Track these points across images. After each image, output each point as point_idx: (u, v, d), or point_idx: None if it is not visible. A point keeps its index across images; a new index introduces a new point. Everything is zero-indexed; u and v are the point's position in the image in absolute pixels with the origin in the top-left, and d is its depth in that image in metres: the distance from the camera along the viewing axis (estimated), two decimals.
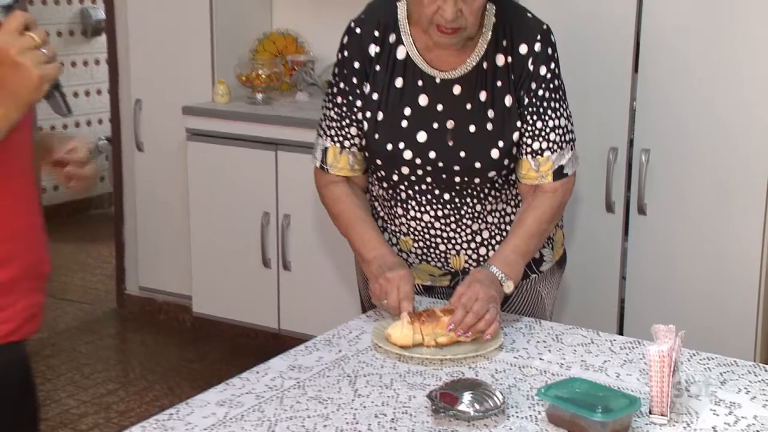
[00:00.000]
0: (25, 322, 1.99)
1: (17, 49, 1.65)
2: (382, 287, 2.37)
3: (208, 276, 4.70)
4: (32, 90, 1.69)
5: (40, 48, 1.66)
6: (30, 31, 1.66)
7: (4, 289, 1.94)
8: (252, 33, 4.86)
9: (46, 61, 1.67)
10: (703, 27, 3.47)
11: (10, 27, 1.65)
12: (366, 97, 2.48)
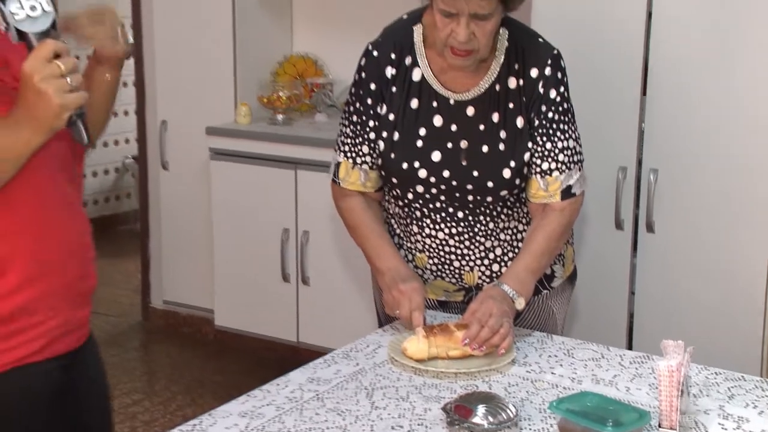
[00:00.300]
0: (55, 340, 1.96)
1: (41, 76, 1.64)
2: (395, 298, 2.39)
3: (230, 290, 4.70)
4: (53, 117, 1.67)
5: (66, 76, 1.65)
6: (60, 59, 1.64)
7: (26, 311, 1.91)
8: (273, 56, 4.88)
9: (70, 90, 1.65)
10: (709, 53, 3.45)
11: (40, 54, 1.64)
12: (381, 118, 2.48)
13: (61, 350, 1.98)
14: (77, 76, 1.67)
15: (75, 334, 2.03)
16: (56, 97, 1.64)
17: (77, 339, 2.05)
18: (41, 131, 1.71)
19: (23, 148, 1.74)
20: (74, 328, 2.02)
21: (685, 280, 3.58)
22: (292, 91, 4.67)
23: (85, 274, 2.02)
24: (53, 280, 1.94)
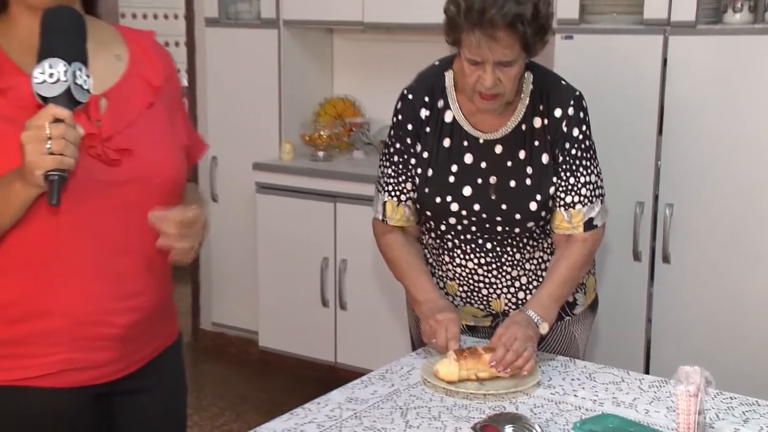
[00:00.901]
0: (59, 373, 1.87)
1: (26, 134, 1.60)
2: (432, 327, 2.36)
3: (273, 313, 4.69)
4: (28, 172, 1.62)
5: (49, 140, 1.58)
6: (55, 124, 1.59)
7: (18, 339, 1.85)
8: (315, 98, 4.89)
9: (48, 153, 1.58)
10: (720, 95, 3.44)
11: (39, 115, 1.61)
12: (417, 156, 2.48)
13: (75, 383, 1.89)
14: (60, 142, 1.59)
15: (96, 371, 1.92)
16: (29, 155, 1.60)
17: (104, 375, 1.93)
18: (26, 184, 1.65)
19: (15, 201, 1.70)
20: (89, 366, 1.90)
21: (700, 308, 3.56)
22: (332, 130, 4.68)
23: (103, 320, 1.88)
24: (56, 321, 1.85)
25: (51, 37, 1.65)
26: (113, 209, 1.84)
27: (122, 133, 1.84)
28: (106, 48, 1.91)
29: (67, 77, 1.61)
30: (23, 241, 1.79)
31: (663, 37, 3.53)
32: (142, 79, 1.93)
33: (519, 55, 2.28)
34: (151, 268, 1.94)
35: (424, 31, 4.31)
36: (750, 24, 3.48)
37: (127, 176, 1.83)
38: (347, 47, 4.94)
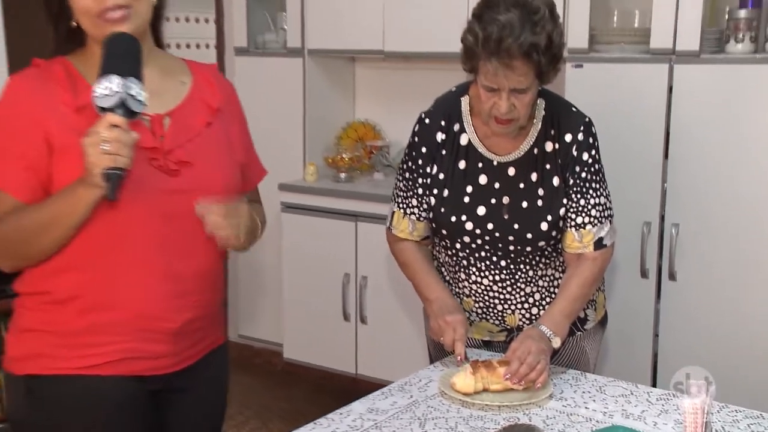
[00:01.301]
0: (113, 362, 1.98)
1: (87, 139, 1.75)
2: (440, 327, 2.39)
3: (297, 327, 4.69)
4: (89, 171, 1.76)
5: (105, 143, 1.73)
6: (111, 129, 1.74)
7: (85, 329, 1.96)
8: (337, 122, 4.90)
9: (104, 153, 1.73)
10: (724, 120, 3.43)
11: (98, 122, 1.76)
12: (432, 177, 2.49)
13: (135, 371, 2.00)
14: (115, 144, 1.74)
15: (155, 362, 2.03)
16: (89, 156, 1.75)
17: (160, 367, 2.04)
18: (87, 185, 1.79)
19: (79, 203, 1.83)
20: (148, 357, 2.01)
21: (706, 323, 3.54)
22: (353, 152, 4.69)
23: (161, 315, 1.99)
24: (120, 314, 1.96)
25: (109, 58, 1.81)
26: (172, 216, 1.97)
27: (182, 147, 1.99)
28: (173, 75, 2.08)
29: (121, 90, 1.76)
30: (90, 241, 1.90)
31: (668, 65, 3.52)
32: (202, 101, 2.08)
33: (533, 82, 2.28)
34: (205, 273, 2.07)
35: (440, 60, 4.33)
36: (751, 54, 3.48)
37: (185, 186, 1.97)
38: (368, 74, 4.95)
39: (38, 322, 1.98)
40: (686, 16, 3.49)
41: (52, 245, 1.90)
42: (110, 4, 1.87)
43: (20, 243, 1.90)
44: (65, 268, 1.93)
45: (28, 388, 1.99)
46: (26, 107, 1.88)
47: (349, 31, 4.47)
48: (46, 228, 1.86)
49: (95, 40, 1.92)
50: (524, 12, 2.22)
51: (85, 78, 1.93)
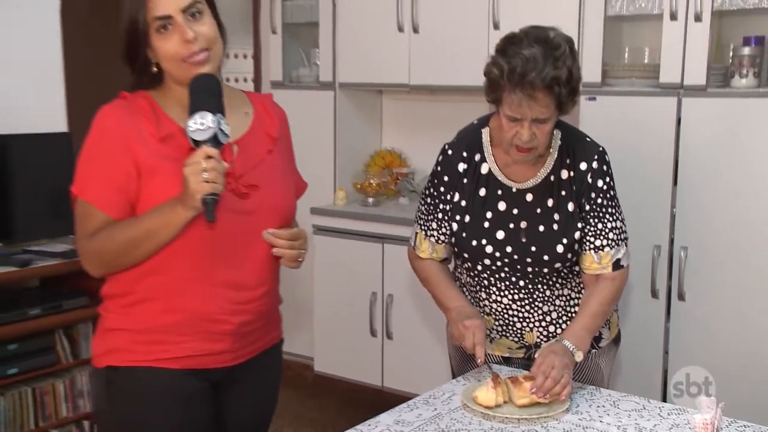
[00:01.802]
0: (181, 358, 2.08)
1: (188, 168, 1.88)
2: (460, 332, 2.37)
3: (327, 341, 4.69)
4: (190, 197, 1.88)
5: (204, 172, 1.86)
6: (207, 160, 1.87)
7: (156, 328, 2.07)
8: (366, 150, 4.91)
9: (204, 181, 1.86)
10: (729, 149, 3.42)
11: (195, 153, 1.89)
12: (455, 204, 2.49)
13: (199, 366, 2.10)
14: (213, 173, 1.86)
15: (216, 357, 2.12)
16: (191, 183, 1.87)
17: (220, 361, 2.13)
18: (186, 207, 1.91)
19: (176, 221, 1.95)
20: (210, 354, 2.11)
21: (713, 341, 3.51)
22: (380, 179, 4.70)
23: (220, 319, 2.09)
24: (187, 317, 2.07)
25: (198, 96, 1.95)
26: (240, 233, 2.08)
27: (249, 172, 2.11)
28: (237, 107, 2.19)
29: (213, 125, 1.90)
30: (168, 251, 2.02)
31: (677, 99, 3.51)
32: (263, 131, 2.21)
33: (553, 113, 2.29)
34: (263, 283, 2.16)
35: (462, 92, 4.34)
36: (755, 88, 3.47)
37: (252, 207, 2.09)
38: (394, 106, 4.96)
39: (118, 322, 2.10)
40: (693, 52, 3.48)
41: (145, 256, 2.01)
42: (196, 48, 1.99)
43: (115, 254, 2.01)
44: (145, 274, 2.05)
45: (108, 378, 2.10)
46: (117, 135, 2.00)
47: (377, 66, 4.48)
48: (141, 241, 1.98)
49: (177, 81, 2.05)
50: (546, 48, 2.23)
51: (165, 111, 2.06)
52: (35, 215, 3.70)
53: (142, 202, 2.00)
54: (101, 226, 2.00)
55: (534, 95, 2.22)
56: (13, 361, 3.45)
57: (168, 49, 2.00)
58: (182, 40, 1.98)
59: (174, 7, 1.98)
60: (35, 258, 3.59)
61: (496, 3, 3.98)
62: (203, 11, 2.02)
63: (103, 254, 2.02)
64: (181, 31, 1.98)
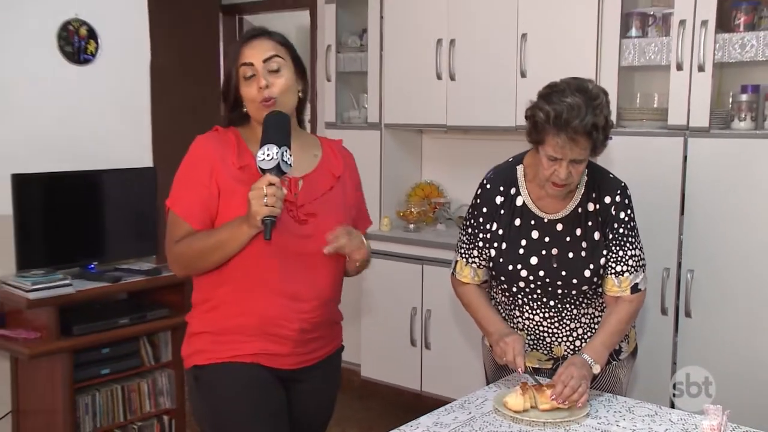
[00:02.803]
0: (249, 355, 2.16)
1: (251, 193, 1.96)
2: (501, 348, 2.35)
3: (372, 350, 4.68)
4: (252, 217, 1.96)
5: (265, 197, 1.93)
6: (269, 186, 1.94)
7: (230, 329, 2.15)
8: (408, 183, 4.91)
9: (264, 205, 1.93)
10: (730, 184, 3.39)
11: (260, 180, 1.96)
12: (492, 233, 2.47)
13: (264, 362, 2.16)
14: (272, 198, 1.94)
15: (279, 359, 2.18)
16: (253, 206, 1.95)
17: (284, 363, 2.20)
18: (249, 225, 1.99)
19: (241, 236, 2.04)
20: (274, 355, 2.17)
21: (717, 354, 3.47)
22: (420, 207, 4.69)
23: (281, 324, 2.15)
24: (253, 320, 2.14)
25: (268, 130, 2.02)
26: (298, 254, 2.15)
27: (310, 203, 2.18)
28: (308, 149, 2.29)
29: (277, 156, 1.96)
30: (241, 264, 2.12)
31: (683, 139, 3.49)
32: (328, 171, 2.28)
33: (588, 155, 2.28)
34: (321, 297, 2.23)
35: (492, 132, 4.33)
36: (752, 130, 3.45)
37: (309, 232, 2.16)
38: (433, 144, 4.96)
39: (200, 326, 2.21)
40: (697, 98, 3.46)
41: (217, 262, 2.11)
42: (266, 95, 2.12)
43: (194, 259, 2.11)
44: (220, 283, 2.15)
45: (195, 376, 2.20)
46: (206, 160, 2.12)
47: (418, 108, 4.49)
48: (213, 250, 2.08)
49: (255, 119, 2.17)
50: (587, 97, 2.22)
51: (248, 145, 2.17)
52: (124, 238, 3.76)
53: (220, 217, 2.11)
54: (185, 234, 2.11)
55: (576, 139, 2.21)
56: (106, 363, 3.50)
57: (248, 93, 2.14)
58: (257, 86, 2.12)
59: (257, 58, 2.13)
60: (124, 275, 3.63)
61: (524, 54, 3.99)
62: (282, 67, 2.15)
63: (184, 258, 2.13)
64: (257, 79, 2.12)
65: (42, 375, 3.38)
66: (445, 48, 4.31)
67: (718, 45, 3.43)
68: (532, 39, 3.97)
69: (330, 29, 4.88)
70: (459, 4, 4.25)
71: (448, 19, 4.30)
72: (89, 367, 3.45)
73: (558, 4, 3.87)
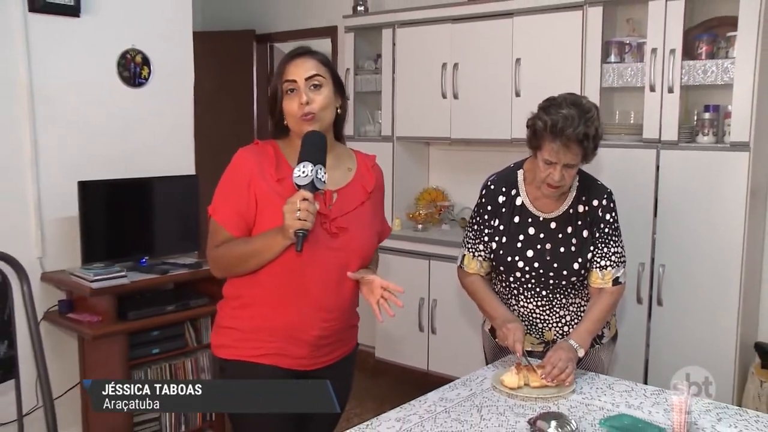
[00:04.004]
0: (272, 356, 2.06)
1: (286, 206, 1.85)
2: (504, 333, 2.35)
3: (385, 334, 4.69)
4: (285, 229, 1.86)
5: (298, 210, 1.83)
6: (303, 201, 1.83)
7: (255, 328, 2.05)
8: (416, 188, 4.91)
9: (297, 218, 1.83)
10: (696, 190, 3.41)
11: (295, 195, 1.86)
12: (495, 228, 2.48)
13: (282, 364, 2.06)
14: (305, 212, 1.83)
15: (295, 360, 2.07)
16: (286, 219, 1.85)
17: (299, 365, 2.08)
18: (284, 237, 1.89)
19: (276, 246, 1.94)
20: (291, 356, 2.06)
21: (684, 337, 3.48)
22: (427, 210, 4.70)
23: (302, 328, 2.05)
24: (276, 323, 2.04)
25: (305, 148, 1.92)
26: (327, 265, 2.04)
27: (343, 217, 2.06)
28: (344, 163, 2.15)
29: (312, 174, 1.86)
30: (273, 270, 2.00)
31: (656, 150, 3.51)
32: (361, 185, 2.15)
33: (580, 161, 2.29)
34: (343, 306, 2.11)
35: (491, 144, 4.34)
36: (714, 144, 3.47)
37: (340, 245, 2.04)
38: (439, 154, 4.97)
39: (229, 321, 2.10)
40: (668, 116, 3.48)
41: (253, 268, 2.00)
42: (306, 110, 1.99)
43: (231, 264, 2.02)
44: (252, 285, 2.04)
45: (221, 367, 2.11)
46: (245, 172, 2.01)
47: (425, 123, 4.50)
48: (249, 257, 1.98)
49: (295, 132, 2.05)
50: (580, 110, 2.24)
51: (286, 158, 2.05)
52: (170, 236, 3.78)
53: (257, 226, 2.00)
54: (225, 241, 2.01)
55: (569, 145, 2.23)
56: (155, 343, 3.52)
57: (289, 107, 2.02)
58: (299, 102, 2.00)
59: (299, 75, 2.01)
60: (170, 268, 3.65)
61: (518, 76, 4.01)
62: (323, 84, 2.02)
63: (222, 262, 2.03)
64: (300, 95, 2.00)
65: (103, 353, 3.42)
66: (449, 71, 4.32)
67: (684, 70, 3.45)
68: (525, 63, 3.99)
69: (349, 55, 4.90)
70: (461, 33, 4.27)
71: (451, 46, 4.32)
72: (141, 347, 3.48)
73: (548, 34, 3.89)
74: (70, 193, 3.41)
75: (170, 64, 3.85)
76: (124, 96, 3.71)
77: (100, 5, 3.55)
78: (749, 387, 3.36)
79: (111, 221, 3.56)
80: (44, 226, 3.46)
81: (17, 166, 3.36)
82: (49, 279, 3.46)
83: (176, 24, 3.88)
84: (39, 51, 3.35)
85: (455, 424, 1.99)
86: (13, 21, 3.26)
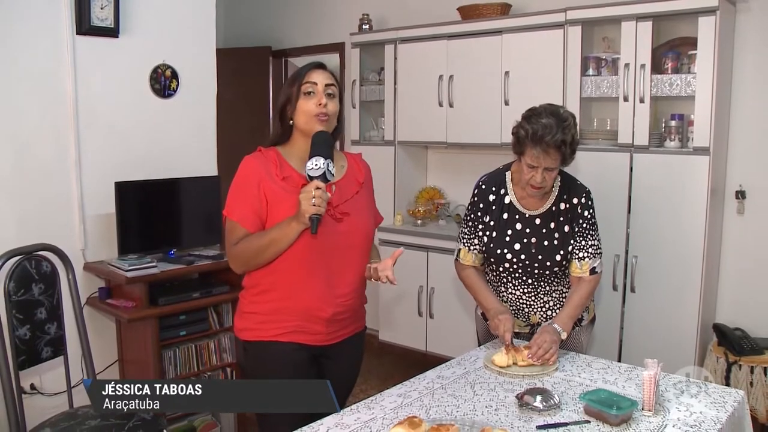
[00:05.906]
0: (291, 333, 2.07)
1: (301, 194, 1.89)
2: (495, 324, 2.35)
3: (388, 319, 4.69)
4: (301, 215, 1.89)
5: (313, 198, 1.86)
6: (317, 190, 1.87)
7: (274, 310, 2.06)
8: (416, 187, 4.91)
9: (312, 205, 1.86)
10: (665, 188, 3.42)
11: (309, 185, 1.90)
12: (486, 223, 2.48)
13: (301, 341, 2.07)
14: (318, 199, 1.87)
15: (313, 336, 2.09)
16: (303, 205, 1.88)
17: (317, 340, 2.10)
18: (298, 222, 1.92)
19: (291, 233, 1.95)
20: (309, 332, 2.08)
21: (653, 320, 3.50)
22: (426, 207, 4.70)
23: (318, 307, 2.06)
24: (294, 303, 2.05)
25: (316, 145, 1.95)
26: (335, 247, 2.06)
27: (343, 204, 2.10)
28: (338, 161, 2.18)
29: (323, 166, 1.90)
30: (286, 257, 2.01)
31: (630, 154, 3.52)
32: (353, 178, 2.20)
33: (559, 165, 2.30)
34: (351, 285, 2.13)
35: (483, 148, 4.35)
36: (680, 148, 3.49)
37: (344, 229, 2.07)
38: (436, 156, 4.97)
39: (250, 307, 2.11)
40: (640, 123, 3.50)
41: (271, 258, 2.01)
42: (323, 110, 2.04)
43: (251, 256, 2.02)
44: (269, 273, 2.05)
45: (245, 348, 2.12)
46: (255, 175, 2.02)
47: (424, 129, 4.50)
48: (267, 247, 1.98)
49: (303, 132, 2.07)
50: (558, 119, 2.25)
51: (287, 160, 2.07)
52: (195, 230, 3.79)
53: (269, 220, 2.01)
54: (242, 237, 2.01)
55: (548, 151, 2.24)
56: (182, 326, 3.52)
57: (306, 106, 2.04)
58: (318, 102, 2.04)
59: (320, 81, 2.06)
60: (196, 259, 3.65)
61: (507, 87, 4.02)
62: (335, 95, 2.08)
63: (242, 257, 2.02)
64: (319, 96, 2.05)
65: (137, 334, 3.44)
66: (445, 82, 4.33)
67: (653, 83, 3.47)
68: (513, 75, 4.00)
69: (355, 67, 4.91)
70: (456, 49, 4.29)
71: (447, 60, 4.33)
72: (170, 330, 3.49)
73: (533, 50, 3.90)
74: (108, 192, 3.44)
75: (196, 77, 3.87)
76: (155, 106, 3.73)
77: (136, 26, 3.58)
78: (708, 362, 3.39)
79: (143, 217, 3.58)
80: (86, 222, 3.49)
81: (63, 168, 3.39)
82: (91, 268, 3.49)
83: (201, 42, 3.90)
84: (84, 67, 3.39)
85: (451, 399, 2.01)
86: (63, 43, 3.31)
